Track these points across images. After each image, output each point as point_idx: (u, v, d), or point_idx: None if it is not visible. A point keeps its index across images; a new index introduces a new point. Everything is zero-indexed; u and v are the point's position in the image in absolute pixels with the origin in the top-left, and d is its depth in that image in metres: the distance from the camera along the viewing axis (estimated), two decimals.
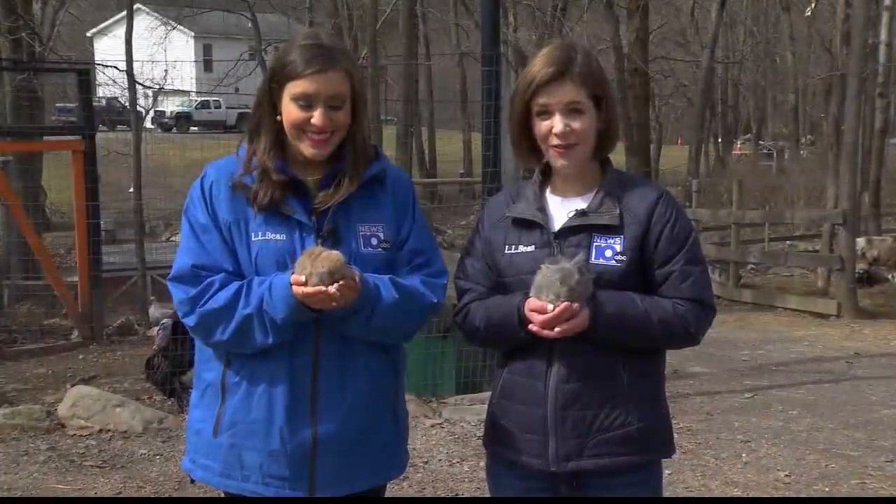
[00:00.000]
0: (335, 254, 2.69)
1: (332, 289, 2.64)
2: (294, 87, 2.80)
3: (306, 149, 2.84)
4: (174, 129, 44.53)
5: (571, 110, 2.85)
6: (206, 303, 2.78)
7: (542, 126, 2.88)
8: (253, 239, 2.83)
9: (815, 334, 12.31)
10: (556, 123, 2.84)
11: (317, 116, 2.79)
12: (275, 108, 2.86)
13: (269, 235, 2.83)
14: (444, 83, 51.99)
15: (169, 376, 8.28)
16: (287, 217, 2.84)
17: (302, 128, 2.82)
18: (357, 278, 2.70)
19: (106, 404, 7.56)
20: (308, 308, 2.71)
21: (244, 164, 2.88)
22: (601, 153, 2.97)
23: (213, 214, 2.86)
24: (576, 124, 2.85)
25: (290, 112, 2.82)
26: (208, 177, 2.92)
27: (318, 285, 2.64)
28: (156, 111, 38.83)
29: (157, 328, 8.85)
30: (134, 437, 7.21)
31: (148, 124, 28.60)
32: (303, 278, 2.66)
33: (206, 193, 2.88)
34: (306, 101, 2.79)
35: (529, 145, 2.97)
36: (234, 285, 2.78)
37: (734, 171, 35.54)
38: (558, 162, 2.90)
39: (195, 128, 46.78)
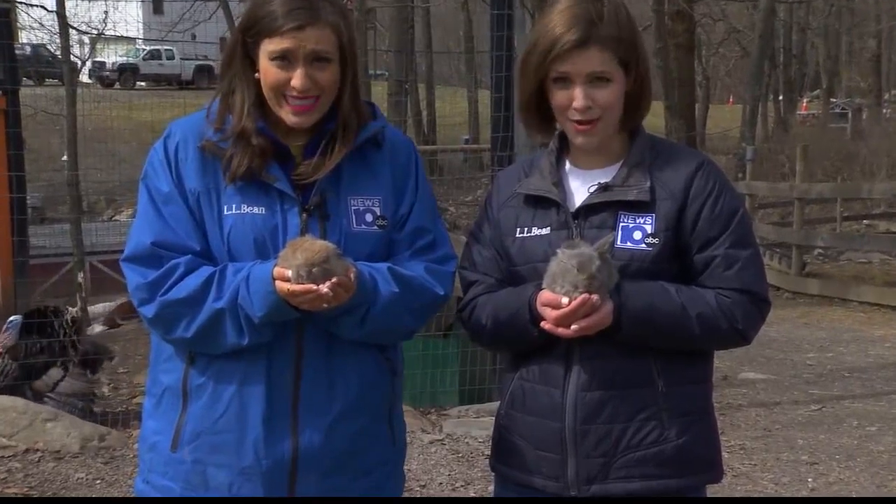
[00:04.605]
0: (326, 244, 2.70)
1: (325, 288, 2.65)
2: (270, 45, 2.82)
3: (287, 116, 2.86)
4: (117, 85, 44.43)
5: (595, 79, 2.86)
6: (168, 290, 2.79)
7: (559, 96, 2.90)
8: (226, 213, 2.84)
9: None
10: (577, 97, 2.86)
11: (297, 77, 2.81)
12: (253, 64, 2.88)
13: (246, 208, 2.84)
14: (446, 30, 51.91)
15: (17, 384, 8.19)
16: (267, 186, 2.85)
17: (282, 91, 2.84)
18: (352, 274, 2.72)
19: (34, 418, 7.56)
20: (293, 307, 2.73)
21: (215, 124, 2.89)
22: (629, 124, 2.98)
23: (178, 182, 2.87)
24: (600, 96, 2.86)
25: (267, 73, 2.84)
26: (173, 136, 2.93)
27: (306, 282, 2.66)
28: (94, 62, 38.75)
29: (6, 326, 8.76)
30: (69, 458, 7.23)
31: (84, 78, 28.59)
32: (288, 273, 2.67)
33: (170, 156, 2.89)
34: (285, 61, 2.81)
35: (542, 114, 2.99)
36: (204, 271, 2.79)
37: (799, 136, 35.47)
38: (577, 138, 2.92)
39: (143, 83, 46.70)
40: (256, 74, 2.87)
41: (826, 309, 14.29)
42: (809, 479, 6.86)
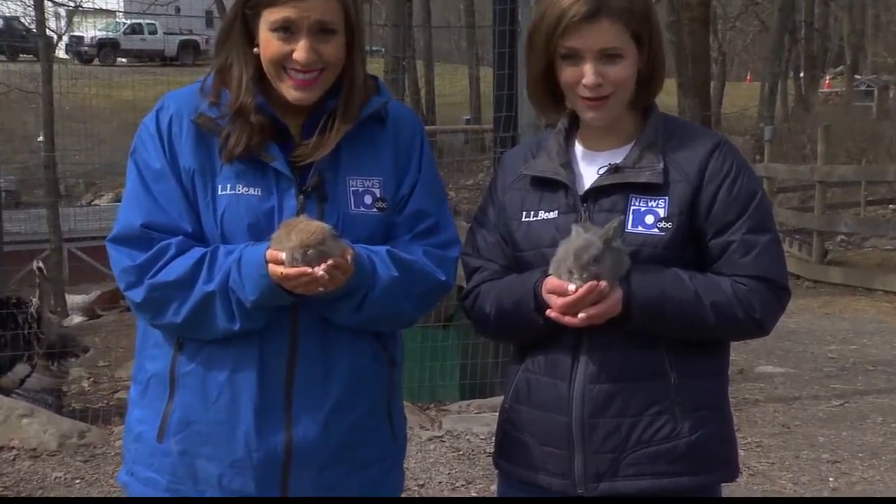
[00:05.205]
0: (322, 225, 2.70)
1: (320, 271, 2.65)
2: (271, 15, 2.81)
3: (289, 91, 2.86)
4: (96, 61, 44.38)
5: (607, 55, 2.87)
6: (157, 273, 2.80)
7: (568, 73, 2.90)
8: (220, 193, 2.85)
9: None
10: (587, 74, 2.86)
11: (299, 49, 2.80)
12: (251, 39, 2.88)
13: (241, 189, 2.84)
14: (446, 3, 51.83)
15: None
16: (264, 166, 2.85)
17: (283, 64, 2.84)
18: (350, 256, 2.73)
19: (9, 414, 7.57)
20: (286, 291, 2.73)
21: (210, 97, 2.89)
22: (641, 101, 2.99)
23: (171, 159, 2.87)
24: (611, 72, 2.87)
25: (268, 45, 2.84)
26: (166, 109, 2.92)
27: (301, 265, 2.66)
28: (71, 36, 38.69)
29: None
30: (46, 457, 7.25)
31: (61, 53, 28.54)
32: (282, 255, 2.68)
33: (162, 131, 2.89)
34: (287, 31, 2.81)
35: (551, 92, 3.00)
36: (195, 253, 2.80)
37: (821, 115, 35.47)
38: (587, 114, 2.93)
39: (123, 59, 46.63)
40: (256, 49, 2.87)
41: (849, 298, 14.30)
42: (831, 479, 6.88)
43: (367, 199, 2.91)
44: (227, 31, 2.92)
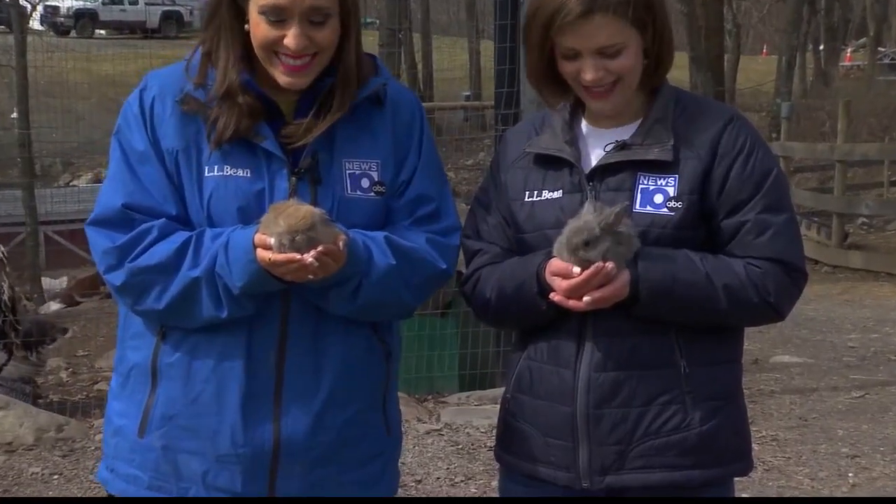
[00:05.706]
0: (312, 209, 2.70)
1: (310, 258, 2.65)
2: None
3: (280, 76, 2.85)
4: (73, 33, 44.31)
5: (605, 52, 2.86)
6: (138, 256, 2.80)
7: (568, 67, 2.91)
8: (206, 175, 2.85)
9: None
10: (587, 70, 2.87)
11: (290, 36, 2.80)
12: (241, 14, 2.87)
13: (229, 171, 2.85)
14: None
15: None
16: (253, 146, 2.86)
17: (273, 49, 2.83)
18: (342, 242, 2.73)
19: None
20: (276, 278, 2.74)
21: (196, 79, 2.89)
22: (648, 84, 2.99)
23: (154, 139, 2.88)
24: (612, 65, 2.87)
25: (258, 28, 2.83)
26: (149, 89, 2.93)
27: (289, 251, 2.67)
28: (46, 7, 38.66)
29: None
30: (22, 451, 7.27)
31: (36, 24, 28.51)
32: (270, 240, 2.68)
33: (145, 111, 2.90)
34: (278, 16, 2.80)
35: (556, 79, 2.99)
36: (180, 237, 2.81)
37: (841, 90, 35.41)
38: (594, 104, 2.95)
39: (102, 31, 46.56)
40: (246, 26, 2.86)
41: (870, 284, 14.31)
42: (850, 474, 6.88)
43: (365, 183, 2.91)
44: (215, 5, 2.91)
